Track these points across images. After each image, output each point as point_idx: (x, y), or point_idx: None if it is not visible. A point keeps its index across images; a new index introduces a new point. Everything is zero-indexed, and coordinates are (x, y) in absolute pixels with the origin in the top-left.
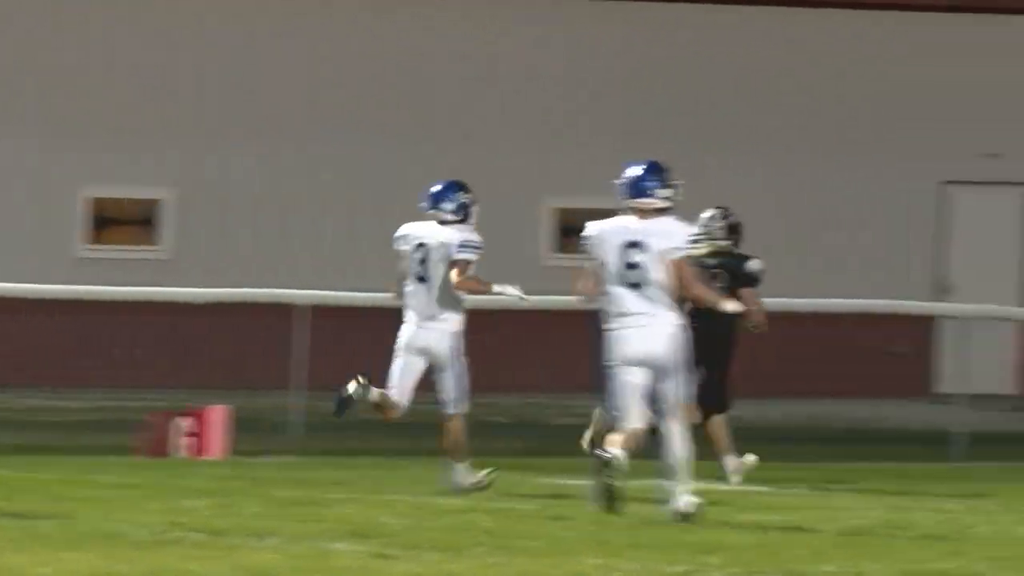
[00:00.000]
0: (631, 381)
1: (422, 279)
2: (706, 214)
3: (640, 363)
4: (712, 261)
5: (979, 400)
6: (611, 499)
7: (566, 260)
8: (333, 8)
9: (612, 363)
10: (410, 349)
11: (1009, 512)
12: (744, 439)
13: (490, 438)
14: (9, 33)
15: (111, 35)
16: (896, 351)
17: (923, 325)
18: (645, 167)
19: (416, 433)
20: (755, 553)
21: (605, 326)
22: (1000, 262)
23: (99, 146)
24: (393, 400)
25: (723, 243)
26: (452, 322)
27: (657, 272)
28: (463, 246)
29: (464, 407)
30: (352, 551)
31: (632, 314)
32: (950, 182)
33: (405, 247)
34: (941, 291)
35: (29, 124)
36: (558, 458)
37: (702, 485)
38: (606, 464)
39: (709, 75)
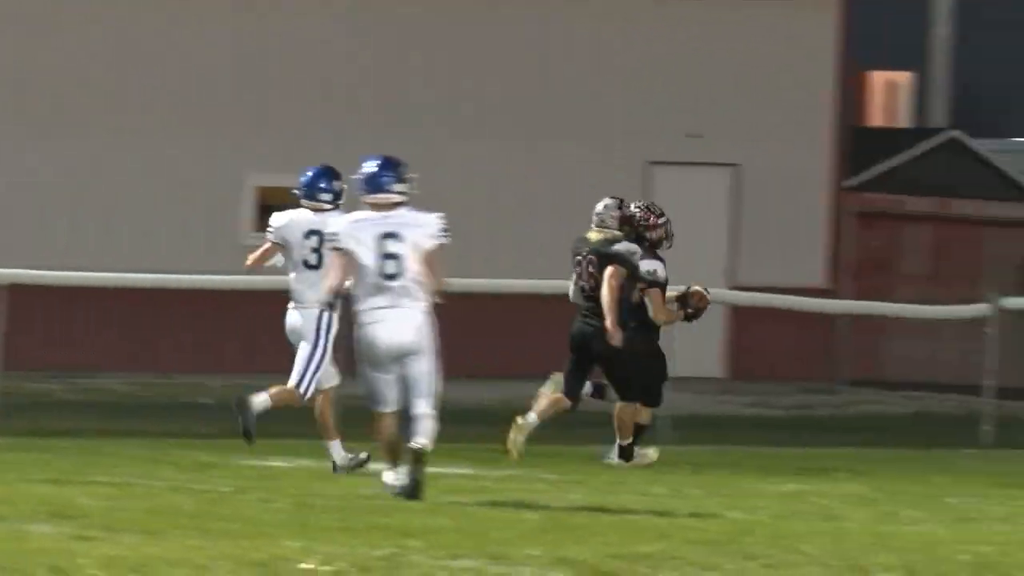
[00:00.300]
0: (383, 373)
1: (314, 266)
2: (600, 204)
3: (393, 353)
4: (585, 249)
5: (684, 383)
6: (419, 490)
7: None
8: None
9: (364, 354)
10: (294, 335)
11: (713, 496)
12: (446, 420)
13: (195, 419)
14: None
15: None
16: None
17: None
18: (380, 162)
19: (118, 415)
20: (458, 536)
21: (356, 317)
22: (706, 244)
23: None
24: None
25: (616, 232)
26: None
27: (412, 262)
28: None
29: (304, 388)
30: (51, 533)
31: (385, 305)
32: (655, 163)
33: (291, 235)
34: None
35: None
36: (261, 440)
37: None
38: (417, 459)
39: (413, 60)
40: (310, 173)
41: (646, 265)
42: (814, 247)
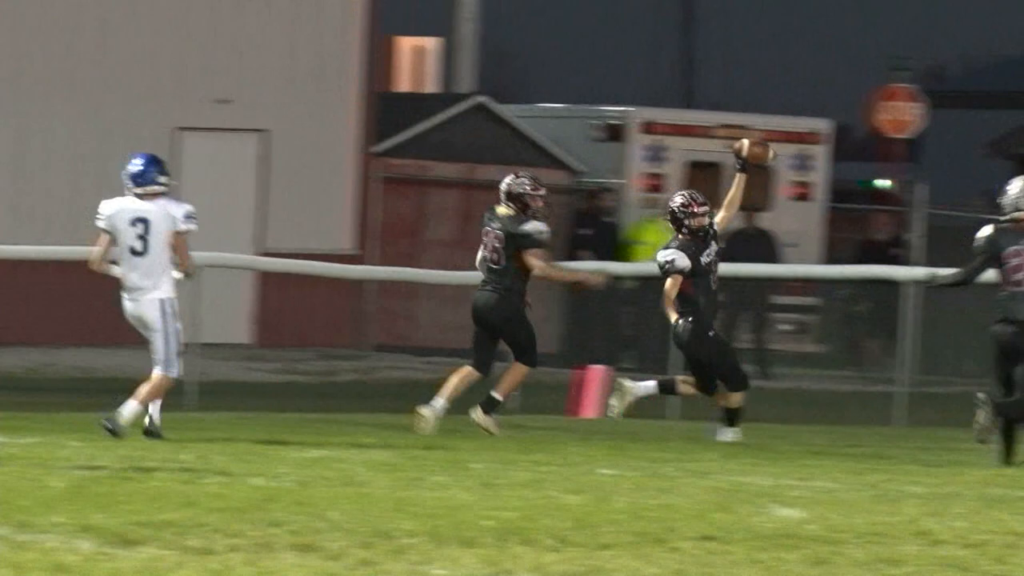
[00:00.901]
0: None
1: (140, 252)
2: (507, 180)
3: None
4: (494, 223)
5: (212, 349)
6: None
7: None
8: None
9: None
10: (138, 323)
11: (239, 462)
12: None
13: None
14: None
15: None
16: None
17: None
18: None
19: None
20: None
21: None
22: (235, 210)
23: None
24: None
25: (503, 210)
26: (163, 288)
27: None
28: (189, 217)
29: (173, 371)
30: None
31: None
32: (183, 128)
33: (119, 224)
34: None
35: None
36: None
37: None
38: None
39: None
40: (140, 161)
41: (662, 256)
42: (342, 213)
